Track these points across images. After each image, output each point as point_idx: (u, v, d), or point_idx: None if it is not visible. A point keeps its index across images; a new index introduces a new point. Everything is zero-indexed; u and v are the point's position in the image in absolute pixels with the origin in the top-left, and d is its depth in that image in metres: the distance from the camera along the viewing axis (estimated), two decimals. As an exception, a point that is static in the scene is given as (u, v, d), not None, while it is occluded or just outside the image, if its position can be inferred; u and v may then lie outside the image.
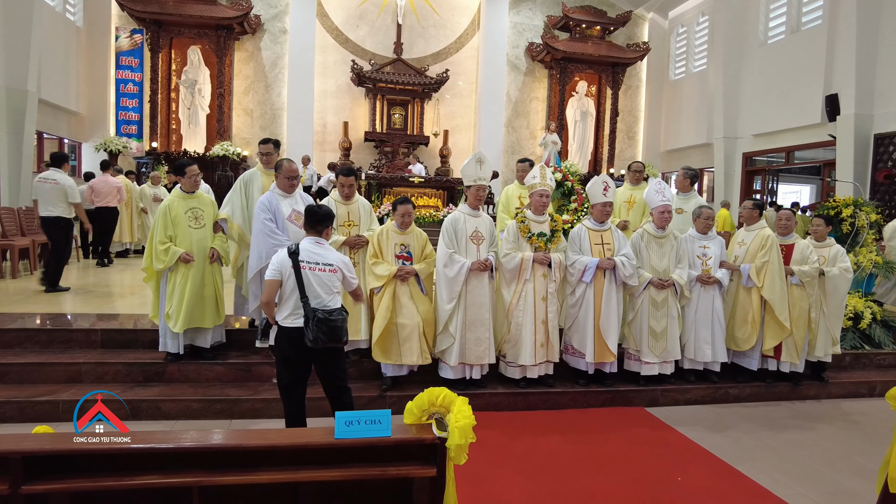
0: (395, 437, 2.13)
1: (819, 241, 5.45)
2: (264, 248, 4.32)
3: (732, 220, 11.34)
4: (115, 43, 13.34)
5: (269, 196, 4.49)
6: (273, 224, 4.38)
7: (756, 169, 13.68)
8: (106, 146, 12.38)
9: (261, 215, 4.39)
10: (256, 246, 4.42)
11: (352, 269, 3.52)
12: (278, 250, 4.18)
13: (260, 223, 4.38)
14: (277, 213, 4.45)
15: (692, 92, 15.30)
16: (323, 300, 3.29)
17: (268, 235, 4.35)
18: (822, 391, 5.39)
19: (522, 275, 4.66)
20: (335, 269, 3.36)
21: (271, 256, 4.20)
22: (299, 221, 4.44)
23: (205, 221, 4.63)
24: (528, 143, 15.82)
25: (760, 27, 12.98)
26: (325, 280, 3.32)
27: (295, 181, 4.58)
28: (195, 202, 4.64)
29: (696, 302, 5.04)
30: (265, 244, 4.34)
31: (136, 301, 6.20)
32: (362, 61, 14.47)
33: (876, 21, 10.19)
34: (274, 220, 4.40)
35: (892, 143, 10.11)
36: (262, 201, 4.46)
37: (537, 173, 4.84)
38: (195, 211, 4.61)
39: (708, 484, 3.57)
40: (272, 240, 4.32)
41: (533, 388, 4.79)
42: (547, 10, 15.51)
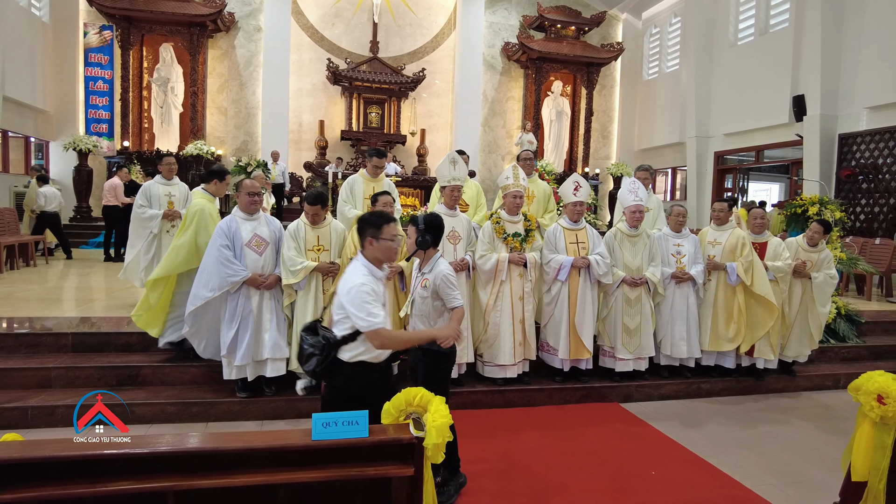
0: (372, 438, 2.14)
1: (812, 245, 5.44)
2: (216, 277, 4.08)
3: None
4: (84, 39, 13.02)
5: (228, 220, 4.23)
6: (230, 251, 4.13)
7: (727, 167, 13.96)
8: (75, 145, 12.06)
9: (217, 241, 4.13)
10: (207, 275, 4.12)
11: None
12: (230, 282, 4.09)
13: (216, 250, 4.11)
14: (236, 238, 4.19)
15: (665, 92, 15.55)
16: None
17: (222, 264, 4.08)
18: (790, 384, 5.55)
19: (498, 276, 4.70)
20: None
21: (225, 287, 4.10)
22: (260, 248, 4.26)
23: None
24: (504, 143, 15.92)
25: (730, 29, 13.25)
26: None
27: (256, 198, 4.29)
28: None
29: (672, 299, 5.14)
30: (219, 273, 4.08)
31: (109, 304, 6.09)
32: (338, 60, 14.39)
33: (839, 24, 10.49)
34: (231, 247, 4.15)
35: (855, 143, 10.43)
36: (222, 226, 4.19)
37: (510, 174, 4.87)
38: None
39: (681, 477, 3.65)
40: (227, 269, 4.08)
41: (510, 386, 4.84)
42: (522, 10, 15.60)
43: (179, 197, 5.92)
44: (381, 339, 2.59)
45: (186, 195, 5.84)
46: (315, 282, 4.37)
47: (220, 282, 4.09)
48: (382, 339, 2.59)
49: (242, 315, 4.21)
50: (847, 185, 10.53)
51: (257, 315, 4.27)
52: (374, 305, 2.57)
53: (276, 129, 14.07)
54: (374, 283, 2.66)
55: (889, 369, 3.04)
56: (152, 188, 5.85)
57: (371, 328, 2.54)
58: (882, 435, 2.81)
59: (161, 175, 5.96)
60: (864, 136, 10.26)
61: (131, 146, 12.93)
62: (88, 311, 5.67)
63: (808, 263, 5.37)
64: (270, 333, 4.33)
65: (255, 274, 4.21)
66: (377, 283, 2.68)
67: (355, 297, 2.57)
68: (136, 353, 4.79)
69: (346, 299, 2.59)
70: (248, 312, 4.23)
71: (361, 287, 2.58)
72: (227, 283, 4.10)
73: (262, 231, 4.33)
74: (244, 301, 4.22)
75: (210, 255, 4.15)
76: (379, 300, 2.63)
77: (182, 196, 5.93)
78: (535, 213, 5.81)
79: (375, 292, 2.62)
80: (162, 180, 5.93)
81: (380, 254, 2.73)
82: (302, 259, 4.31)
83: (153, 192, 5.83)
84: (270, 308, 4.36)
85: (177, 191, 5.96)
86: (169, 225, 5.77)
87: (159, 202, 5.81)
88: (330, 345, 2.64)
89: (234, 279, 4.12)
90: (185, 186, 6.07)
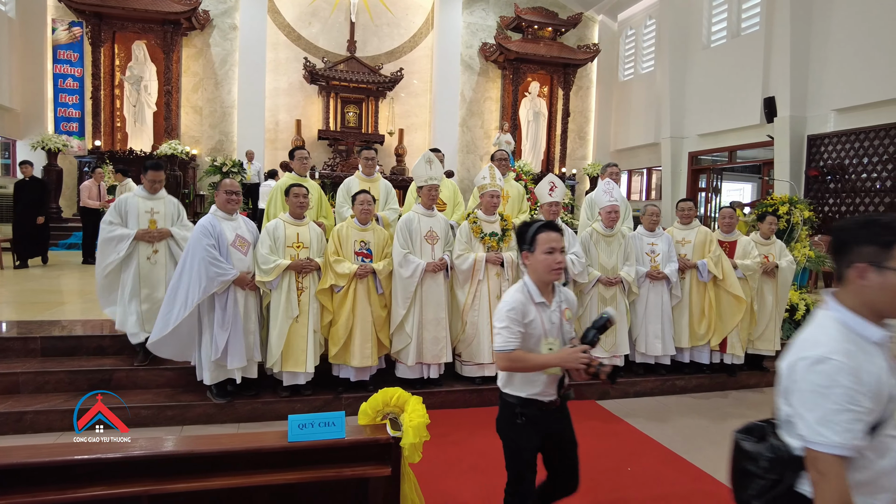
0: (349, 439, 2.14)
1: (766, 238, 5.64)
2: (205, 278, 4.01)
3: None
4: (52, 36, 12.71)
5: (209, 219, 4.18)
6: (216, 251, 4.08)
7: (701, 167, 14.20)
8: (44, 144, 11.76)
9: (203, 241, 4.05)
10: (197, 275, 4.02)
11: None
12: (220, 281, 4.07)
13: (202, 250, 4.03)
14: (221, 237, 4.14)
15: (640, 93, 15.76)
16: None
17: (210, 263, 4.01)
18: (762, 380, 5.68)
19: (476, 275, 4.72)
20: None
21: (213, 288, 4.06)
22: (244, 248, 4.26)
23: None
24: (482, 143, 15.97)
25: (704, 31, 13.48)
26: None
27: (235, 196, 4.29)
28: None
29: (646, 297, 5.22)
30: (207, 273, 4.01)
31: (82, 306, 5.97)
32: (315, 59, 14.28)
33: (807, 28, 10.75)
34: (217, 246, 4.10)
35: (823, 144, 10.71)
36: (204, 225, 4.13)
37: (487, 174, 4.91)
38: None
39: (656, 472, 3.72)
40: (215, 268, 4.02)
41: (489, 385, 4.87)
42: (500, 11, 15.67)
43: (165, 213, 4.64)
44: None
45: (176, 212, 4.73)
46: (289, 280, 4.33)
47: (210, 281, 4.02)
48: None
49: (233, 317, 4.16)
50: (816, 184, 10.81)
51: (244, 316, 4.25)
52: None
53: (251, 128, 13.91)
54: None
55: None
56: (129, 202, 4.57)
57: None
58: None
59: (142, 188, 4.71)
60: (832, 137, 10.53)
61: (103, 145, 12.65)
62: (59, 315, 5.54)
63: (770, 256, 5.55)
64: (255, 335, 4.33)
65: (242, 273, 4.18)
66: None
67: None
68: (108, 357, 4.70)
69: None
70: (237, 314, 4.19)
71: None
72: (217, 282, 4.04)
73: (243, 231, 4.33)
74: (233, 303, 4.18)
75: (195, 255, 4.05)
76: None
77: (169, 213, 4.67)
78: (509, 213, 5.85)
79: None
80: (143, 192, 4.64)
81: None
82: (275, 257, 4.29)
83: (129, 206, 4.54)
84: (255, 309, 4.36)
85: (161, 206, 4.65)
86: (150, 249, 4.54)
87: (137, 219, 4.53)
88: (786, 463, 1.55)
89: (225, 278, 4.06)
90: (173, 201, 4.78)
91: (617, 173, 5.93)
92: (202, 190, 13.61)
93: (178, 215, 4.73)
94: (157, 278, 4.53)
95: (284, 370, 4.36)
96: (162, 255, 4.57)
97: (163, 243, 4.58)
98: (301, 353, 4.34)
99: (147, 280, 4.52)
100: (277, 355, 4.29)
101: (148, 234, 4.51)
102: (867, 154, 9.98)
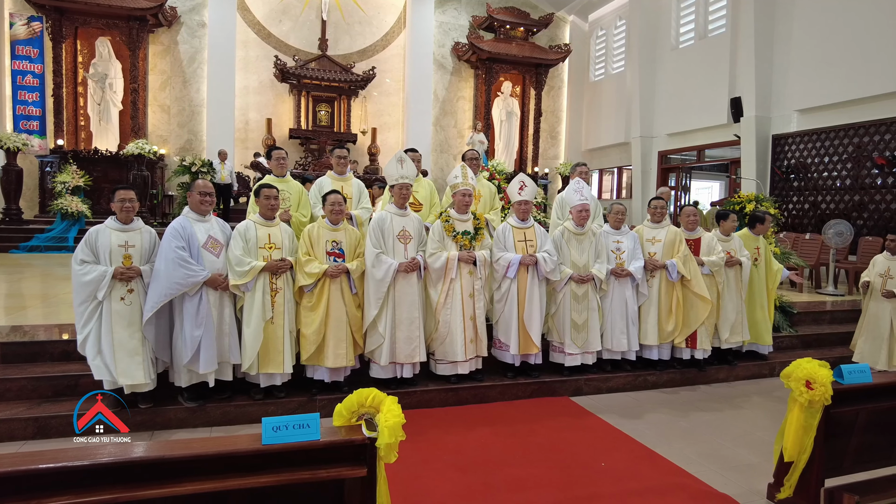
0: (324, 440, 2.13)
1: (727, 235, 5.77)
2: (175, 279, 3.92)
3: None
4: (10, 31, 12.30)
5: (181, 221, 4.11)
6: (185, 252, 4.00)
7: (671, 166, 14.48)
8: (2, 143, 11.36)
9: (172, 242, 3.97)
10: (166, 277, 3.91)
11: None
12: (191, 282, 3.98)
13: (172, 251, 3.95)
14: (192, 239, 4.07)
15: (611, 93, 15.98)
16: None
17: (179, 265, 3.93)
18: (730, 374, 5.82)
19: (448, 274, 4.73)
20: None
21: (184, 289, 3.98)
22: (216, 250, 4.19)
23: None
24: (455, 142, 16.00)
25: (672, 32, 13.74)
26: None
27: (208, 198, 4.23)
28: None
29: (612, 294, 5.30)
30: (177, 274, 3.92)
31: (44, 311, 5.79)
32: (286, 57, 14.13)
33: (770, 31, 11.05)
34: (187, 248, 4.03)
35: (787, 144, 11.02)
36: (175, 227, 4.05)
37: (459, 173, 4.93)
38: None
39: (629, 467, 3.78)
40: (185, 270, 3.94)
41: (463, 384, 4.89)
42: (472, 10, 15.72)
43: (141, 248, 4.05)
44: None
45: (152, 244, 4.14)
46: (263, 282, 4.27)
47: (177, 284, 3.93)
48: None
49: (206, 319, 4.08)
50: (781, 183, 11.12)
51: (218, 318, 4.17)
52: None
53: (221, 127, 13.69)
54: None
55: (817, 357, 3.25)
56: (100, 235, 3.96)
57: None
58: (809, 417, 3.01)
59: (114, 218, 4.05)
60: (795, 136, 10.85)
61: (66, 145, 12.28)
62: (21, 320, 5.37)
63: (732, 252, 5.69)
64: (231, 337, 4.26)
65: (214, 274, 4.11)
66: None
67: None
68: (74, 362, 4.55)
69: None
70: (209, 316, 4.11)
71: None
72: (187, 283, 3.96)
73: (216, 233, 4.26)
74: (206, 304, 4.09)
75: (165, 257, 3.98)
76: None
77: (146, 245, 4.09)
78: (482, 212, 5.89)
79: None
80: (115, 224, 4.02)
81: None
82: (250, 259, 4.23)
83: (100, 241, 3.94)
84: (230, 311, 4.28)
85: (137, 238, 4.06)
86: (125, 289, 3.97)
87: (108, 256, 3.94)
88: None
89: (195, 279, 3.98)
90: (150, 233, 4.18)
91: (586, 172, 6.05)
92: (171, 190, 13.34)
93: (153, 252, 4.13)
94: (135, 320, 4.03)
95: (262, 372, 4.30)
96: (137, 293, 4.04)
97: (137, 281, 4.02)
98: (278, 354, 4.29)
99: (121, 322, 3.97)
100: (253, 357, 4.23)
101: (128, 271, 3.95)
102: (828, 153, 10.32)
